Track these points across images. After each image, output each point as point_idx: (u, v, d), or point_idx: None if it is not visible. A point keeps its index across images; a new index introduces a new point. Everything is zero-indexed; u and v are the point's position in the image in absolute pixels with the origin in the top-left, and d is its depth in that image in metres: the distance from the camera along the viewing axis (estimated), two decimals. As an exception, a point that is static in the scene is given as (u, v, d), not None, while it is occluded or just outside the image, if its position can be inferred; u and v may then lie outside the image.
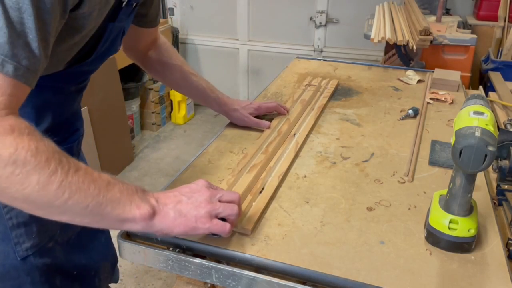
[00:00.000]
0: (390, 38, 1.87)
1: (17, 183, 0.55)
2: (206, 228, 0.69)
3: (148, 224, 0.66)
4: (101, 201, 0.61)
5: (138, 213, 0.64)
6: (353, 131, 1.19)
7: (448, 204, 0.77)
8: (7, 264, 0.80)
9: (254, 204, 0.86)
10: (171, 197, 0.70)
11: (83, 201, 0.60)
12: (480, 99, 0.77)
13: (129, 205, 0.64)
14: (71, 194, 0.58)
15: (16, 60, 0.57)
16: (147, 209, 0.65)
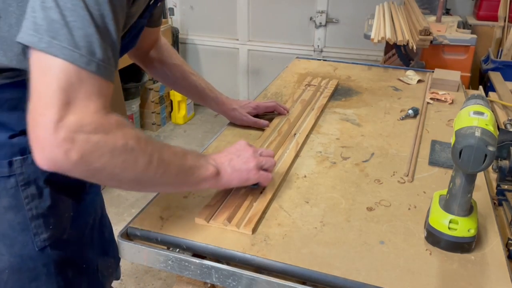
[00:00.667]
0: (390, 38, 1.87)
1: (128, 167, 0.65)
2: (256, 179, 0.85)
3: (215, 180, 0.80)
4: (184, 169, 0.75)
5: (208, 173, 0.78)
6: (353, 131, 1.19)
7: (448, 204, 0.77)
8: (25, 254, 0.81)
9: (255, 204, 0.86)
10: (224, 157, 0.83)
11: (173, 172, 0.72)
12: (480, 99, 0.78)
13: (202, 169, 0.77)
14: (165, 168, 0.70)
15: (108, 63, 0.63)
16: (212, 169, 0.79)
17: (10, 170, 0.76)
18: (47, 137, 0.58)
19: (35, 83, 0.59)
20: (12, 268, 0.81)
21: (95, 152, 0.61)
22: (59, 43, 0.58)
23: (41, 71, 0.59)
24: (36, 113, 0.58)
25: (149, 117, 3.37)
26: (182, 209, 0.86)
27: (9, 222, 0.79)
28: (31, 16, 0.59)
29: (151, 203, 0.89)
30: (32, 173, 0.78)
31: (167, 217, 0.84)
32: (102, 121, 0.61)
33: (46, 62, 0.59)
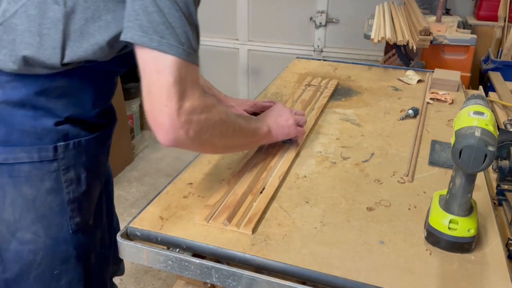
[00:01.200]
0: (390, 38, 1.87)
1: (223, 136, 0.82)
2: (295, 133, 1.05)
3: (268, 137, 0.99)
4: (252, 132, 0.93)
5: (264, 132, 0.96)
6: (353, 131, 1.19)
7: (448, 204, 0.77)
8: (60, 237, 0.87)
9: (255, 204, 0.86)
10: (270, 118, 1.01)
11: (246, 135, 0.91)
12: (480, 99, 0.78)
13: (260, 129, 0.96)
14: (242, 133, 0.89)
15: (197, 53, 0.75)
16: (266, 128, 0.97)
17: (54, 155, 0.82)
18: (172, 122, 0.71)
19: (150, 78, 0.71)
20: (46, 250, 0.86)
21: (204, 128, 0.76)
22: (167, 42, 0.69)
23: (155, 67, 0.70)
24: (160, 104, 0.71)
25: (149, 117, 3.36)
26: (182, 209, 0.86)
27: (49, 205, 0.84)
28: (136, 19, 0.69)
29: (151, 203, 0.89)
30: (72, 159, 0.85)
31: (167, 217, 0.84)
32: (205, 102, 0.76)
33: (159, 59, 0.70)
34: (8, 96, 0.78)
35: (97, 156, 0.93)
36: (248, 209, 0.85)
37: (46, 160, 0.82)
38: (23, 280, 0.87)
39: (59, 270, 0.88)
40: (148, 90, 0.71)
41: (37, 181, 0.82)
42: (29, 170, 0.81)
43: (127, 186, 2.67)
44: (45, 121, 0.81)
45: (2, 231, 0.84)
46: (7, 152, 0.80)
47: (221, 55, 3.62)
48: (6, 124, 0.79)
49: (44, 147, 0.81)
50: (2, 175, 0.81)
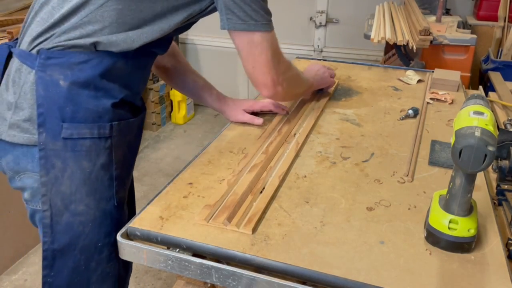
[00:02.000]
0: (390, 38, 1.87)
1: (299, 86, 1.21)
2: (331, 82, 1.42)
3: (312, 86, 1.32)
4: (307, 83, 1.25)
5: (311, 82, 1.30)
6: (353, 131, 1.19)
7: (448, 204, 0.77)
8: (107, 209, 0.93)
9: (255, 204, 0.86)
10: (311, 71, 1.36)
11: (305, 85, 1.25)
12: (480, 99, 0.78)
13: (309, 81, 1.28)
14: (304, 83, 1.23)
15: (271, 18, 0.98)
16: (312, 80, 1.30)
17: (110, 132, 0.90)
18: (273, 83, 1.00)
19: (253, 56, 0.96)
20: (95, 222, 0.92)
21: (292, 82, 1.10)
22: (259, 22, 0.93)
23: (255, 45, 0.95)
24: (264, 73, 0.98)
25: (149, 117, 3.37)
26: (182, 209, 0.86)
27: (101, 179, 0.91)
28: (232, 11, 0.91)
29: (151, 203, 0.89)
30: (122, 138, 0.93)
31: (167, 217, 0.84)
32: (286, 63, 1.06)
33: (255, 39, 0.94)
34: (76, 77, 0.86)
35: (137, 137, 1.00)
36: (248, 209, 0.85)
37: (104, 137, 0.89)
38: (70, 250, 0.92)
39: (102, 242, 0.94)
40: (252, 65, 0.97)
41: (94, 156, 0.89)
42: (89, 145, 0.88)
43: (127, 186, 2.67)
44: (105, 101, 0.89)
45: (57, 203, 0.90)
46: (73, 128, 0.87)
47: (221, 55, 3.62)
48: (74, 103, 0.87)
49: (103, 124, 0.89)
50: (66, 149, 0.88)
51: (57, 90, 0.86)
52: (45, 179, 0.88)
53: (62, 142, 0.87)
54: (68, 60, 0.86)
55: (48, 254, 0.92)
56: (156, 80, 3.32)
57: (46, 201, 0.89)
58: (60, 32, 0.86)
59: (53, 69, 0.86)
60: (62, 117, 0.86)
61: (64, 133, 0.87)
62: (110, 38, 0.86)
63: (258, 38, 0.94)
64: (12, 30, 2.12)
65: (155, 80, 3.31)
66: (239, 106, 1.24)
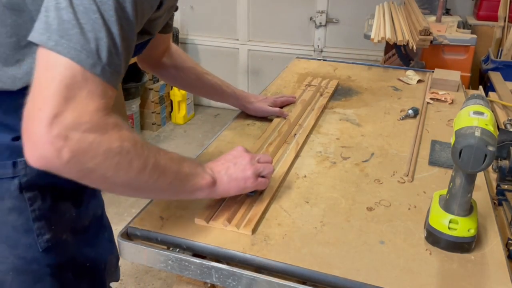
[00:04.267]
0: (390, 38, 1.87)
1: (122, 170, 0.63)
2: (253, 186, 0.84)
3: (211, 190, 0.79)
4: (179, 177, 0.73)
5: (204, 183, 0.77)
6: (353, 131, 1.19)
7: (448, 204, 0.77)
8: (29, 256, 0.81)
9: (255, 204, 0.86)
10: (220, 165, 0.82)
11: (168, 179, 0.71)
12: (480, 99, 0.78)
13: (197, 178, 0.76)
14: (160, 174, 0.69)
15: (114, 69, 0.63)
16: (209, 178, 0.77)
17: (14, 171, 0.76)
18: (41, 132, 0.56)
19: (37, 78, 0.59)
20: (16, 270, 0.81)
21: (89, 152, 0.59)
22: (66, 42, 0.58)
23: (45, 67, 0.59)
24: (34, 107, 0.57)
25: (149, 117, 3.37)
26: (182, 209, 0.86)
27: (12, 224, 0.78)
28: (44, 16, 0.59)
29: (151, 203, 0.88)
30: (35, 175, 0.78)
31: (167, 217, 0.84)
32: (99, 121, 0.60)
33: (52, 59, 0.58)
34: None
35: None
36: (248, 210, 0.85)
37: (5, 177, 0.76)
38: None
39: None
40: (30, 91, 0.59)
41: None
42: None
43: (127, 186, 2.67)
44: (2, 137, 0.75)
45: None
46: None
47: (221, 55, 3.62)
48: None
49: (2, 163, 0.75)
50: None
51: None
52: None
53: None
54: None
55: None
56: (156, 80, 3.32)
57: None
58: None
59: None
60: None
61: None
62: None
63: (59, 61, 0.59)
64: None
65: (155, 80, 3.31)
66: (262, 101, 1.26)
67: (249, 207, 0.85)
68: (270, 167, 0.87)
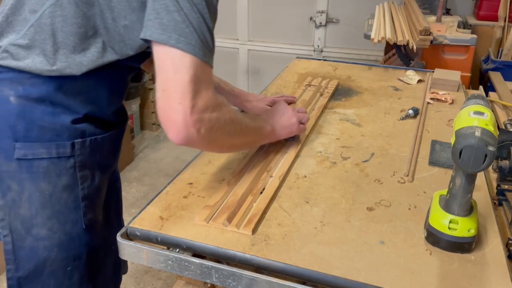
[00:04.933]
0: (390, 38, 1.87)
1: (232, 135, 0.83)
2: (298, 131, 1.05)
3: (271, 135, 0.99)
4: (256, 131, 0.94)
5: (268, 131, 0.97)
6: (353, 131, 1.19)
7: (448, 204, 0.77)
8: (74, 233, 0.88)
9: (255, 204, 0.86)
10: (273, 117, 1.02)
11: (252, 134, 0.92)
12: (480, 99, 0.77)
13: (264, 128, 0.96)
14: (248, 132, 0.90)
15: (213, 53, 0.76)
16: (270, 128, 0.98)
17: (71, 151, 0.84)
18: (185, 120, 0.71)
19: (166, 75, 0.72)
20: (61, 246, 0.88)
21: (215, 126, 0.77)
22: (185, 40, 0.70)
23: (172, 65, 0.71)
24: (174, 102, 0.71)
25: (149, 117, 3.37)
26: (182, 209, 0.86)
27: (65, 201, 0.86)
28: (156, 18, 0.71)
29: (151, 203, 0.89)
30: (88, 156, 0.87)
31: (167, 217, 0.84)
32: (216, 101, 0.77)
33: (176, 56, 0.71)
34: (28, 92, 0.80)
35: (110, 154, 0.95)
36: (248, 210, 0.85)
37: (64, 156, 0.83)
38: (36, 277, 0.88)
39: (71, 266, 0.90)
40: (163, 87, 0.72)
41: (54, 177, 0.84)
42: (47, 165, 0.83)
43: (127, 186, 2.67)
44: (64, 118, 0.82)
45: (17, 227, 0.85)
46: (27, 147, 0.81)
47: (221, 55, 3.62)
48: (26, 120, 0.80)
49: (62, 143, 0.83)
50: (21, 170, 0.82)
51: (7, 107, 0.80)
52: (2, 202, 0.84)
53: (16, 163, 0.82)
54: (19, 74, 0.79)
55: (13, 283, 0.88)
56: (156, 80, 3.32)
57: (6, 226, 0.85)
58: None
59: (2, 85, 0.80)
60: (14, 136, 0.80)
61: (17, 153, 0.81)
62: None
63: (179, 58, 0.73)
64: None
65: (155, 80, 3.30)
66: (261, 101, 1.26)
67: (249, 207, 0.85)
68: (307, 116, 1.09)
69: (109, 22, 0.79)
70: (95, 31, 0.79)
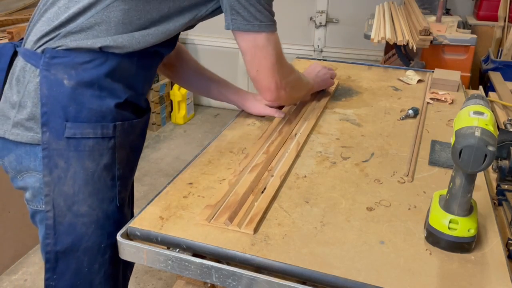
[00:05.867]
0: (390, 38, 1.87)
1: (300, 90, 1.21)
2: (331, 83, 1.40)
3: (313, 88, 1.31)
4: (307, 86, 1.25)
5: (311, 86, 1.28)
6: (353, 131, 1.19)
7: (448, 204, 0.77)
8: (109, 210, 0.94)
9: (256, 204, 0.86)
10: (312, 73, 1.33)
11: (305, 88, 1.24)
12: (480, 99, 0.78)
13: (309, 83, 1.26)
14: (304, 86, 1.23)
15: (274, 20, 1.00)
16: (312, 83, 1.28)
17: (113, 132, 0.90)
18: (277, 87, 1.02)
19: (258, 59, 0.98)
20: (98, 223, 0.92)
21: (294, 86, 1.11)
22: (263, 23, 0.95)
23: (258, 47, 0.97)
24: (268, 77, 1.00)
25: (149, 117, 3.37)
26: (182, 209, 0.86)
27: (104, 179, 0.92)
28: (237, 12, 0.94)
29: (151, 203, 0.89)
30: (125, 138, 0.93)
31: (167, 217, 0.84)
32: (290, 66, 1.09)
33: (259, 39, 0.96)
34: (80, 77, 0.86)
35: (140, 138, 1.01)
36: (250, 209, 0.85)
37: (107, 137, 0.90)
38: (73, 252, 0.92)
39: (105, 244, 0.94)
40: (257, 68, 0.99)
41: (97, 156, 0.90)
42: (92, 145, 0.89)
43: (127, 186, 2.67)
44: (109, 101, 0.89)
45: (60, 204, 0.90)
46: (76, 127, 0.87)
47: (221, 55, 3.62)
48: (77, 103, 0.87)
49: (106, 124, 0.89)
50: (69, 148, 0.88)
51: (61, 90, 0.86)
52: (48, 178, 0.88)
53: (65, 141, 0.87)
54: (73, 59, 0.86)
55: (51, 257, 0.91)
56: (156, 80, 3.33)
57: (49, 202, 0.89)
58: (66, 32, 0.86)
59: (57, 69, 0.86)
60: (65, 116, 0.87)
61: (67, 132, 0.87)
62: (115, 39, 0.87)
63: (262, 40, 0.96)
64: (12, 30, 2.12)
65: (155, 80, 3.31)
66: (260, 100, 1.26)
67: (250, 206, 0.85)
68: (334, 72, 1.43)
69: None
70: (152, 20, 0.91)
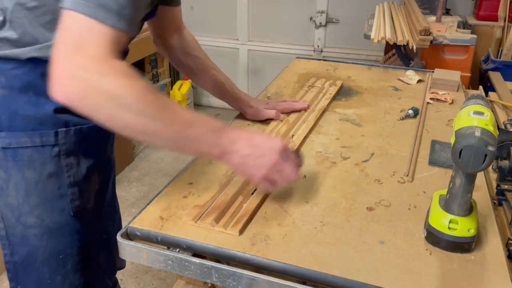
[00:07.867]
0: (390, 38, 1.87)
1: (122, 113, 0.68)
2: (255, 184, 0.86)
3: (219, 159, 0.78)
4: (182, 136, 0.74)
5: (208, 152, 0.77)
6: (353, 131, 1.19)
7: (448, 204, 0.77)
8: (62, 220, 0.89)
9: (245, 205, 0.86)
10: (244, 148, 0.77)
11: (170, 134, 0.73)
12: (480, 99, 0.78)
13: (204, 145, 0.76)
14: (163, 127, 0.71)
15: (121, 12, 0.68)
16: (217, 152, 0.76)
17: (55, 140, 0.85)
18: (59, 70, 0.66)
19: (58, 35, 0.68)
20: (50, 234, 0.89)
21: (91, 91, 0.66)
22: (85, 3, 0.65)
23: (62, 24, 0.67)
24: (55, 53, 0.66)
25: (149, 117, 3.36)
26: (182, 209, 0.86)
27: (51, 188, 0.87)
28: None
29: (151, 203, 0.89)
30: (73, 144, 0.87)
31: (167, 217, 0.84)
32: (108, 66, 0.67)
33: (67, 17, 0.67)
34: (10, 83, 0.81)
35: (99, 143, 0.95)
36: (238, 210, 0.84)
37: (48, 144, 0.84)
38: (31, 263, 0.89)
39: (63, 254, 0.91)
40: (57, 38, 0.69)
41: (39, 165, 0.85)
42: (31, 154, 0.84)
43: (127, 186, 2.67)
44: (47, 107, 0.83)
45: (8, 215, 0.87)
46: (10, 136, 0.83)
47: (221, 55, 3.62)
48: (10, 111, 0.82)
49: (46, 132, 0.84)
50: (6, 158, 0.84)
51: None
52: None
53: (2, 151, 0.83)
54: (1, 66, 0.80)
55: (10, 267, 0.90)
56: (156, 80, 3.32)
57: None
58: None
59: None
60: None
61: (1, 142, 0.82)
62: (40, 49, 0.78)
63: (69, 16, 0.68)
64: None
65: (154, 80, 3.31)
66: (262, 106, 1.22)
67: (238, 207, 0.85)
68: (286, 182, 0.81)
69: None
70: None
